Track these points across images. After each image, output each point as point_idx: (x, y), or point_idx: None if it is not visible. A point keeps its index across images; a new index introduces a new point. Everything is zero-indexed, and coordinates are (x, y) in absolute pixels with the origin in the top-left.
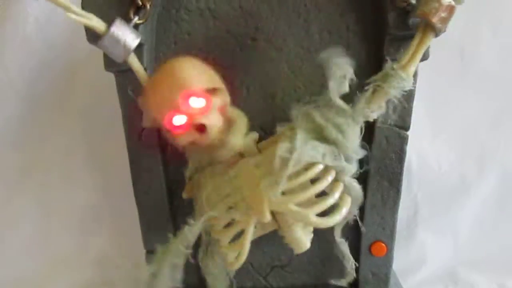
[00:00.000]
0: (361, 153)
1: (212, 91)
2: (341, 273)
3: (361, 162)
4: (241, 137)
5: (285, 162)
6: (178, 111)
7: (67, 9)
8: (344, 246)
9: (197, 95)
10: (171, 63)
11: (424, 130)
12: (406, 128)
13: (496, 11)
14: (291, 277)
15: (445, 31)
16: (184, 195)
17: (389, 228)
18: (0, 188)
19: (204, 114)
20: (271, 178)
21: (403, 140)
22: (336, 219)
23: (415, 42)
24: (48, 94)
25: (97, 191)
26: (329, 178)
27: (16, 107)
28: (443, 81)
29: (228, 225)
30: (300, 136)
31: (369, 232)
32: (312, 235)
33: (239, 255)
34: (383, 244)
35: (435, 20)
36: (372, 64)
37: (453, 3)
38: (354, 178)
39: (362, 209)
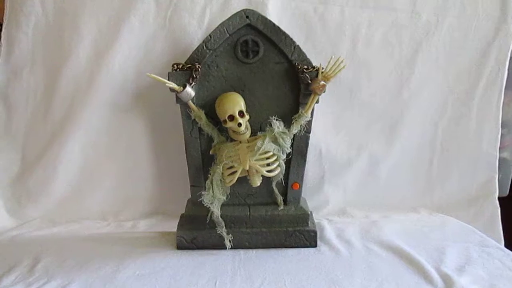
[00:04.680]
0: (289, 150)
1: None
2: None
3: (287, 155)
4: (249, 134)
5: (258, 148)
6: (232, 115)
7: (163, 82)
8: (275, 190)
9: (242, 111)
10: (233, 93)
11: (330, 131)
12: (309, 132)
13: (370, 67)
14: (257, 199)
15: (324, 91)
16: (211, 152)
17: (300, 176)
18: (93, 158)
19: (241, 118)
20: (252, 153)
21: (307, 137)
22: (273, 174)
23: (310, 99)
24: (124, 103)
25: (155, 160)
26: (273, 158)
27: (104, 110)
28: (341, 105)
29: (229, 168)
30: (267, 140)
31: (291, 178)
32: (261, 179)
33: (231, 180)
34: (298, 184)
35: (317, 91)
36: (295, 103)
37: (324, 83)
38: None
39: (289, 167)
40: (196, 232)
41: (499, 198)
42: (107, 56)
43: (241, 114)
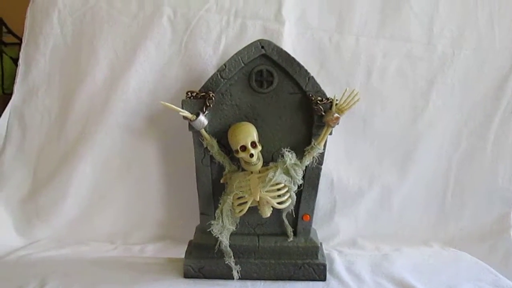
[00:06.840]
0: (301, 182)
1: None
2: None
3: (299, 186)
4: (261, 164)
5: (270, 180)
6: (245, 145)
7: (177, 111)
8: (286, 221)
9: (254, 142)
10: (247, 123)
11: (342, 161)
12: (321, 164)
13: (384, 98)
14: (266, 229)
15: (338, 124)
16: (222, 181)
17: (311, 208)
18: (104, 180)
19: (254, 149)
20: (263, 184)
21: (319, 169)
22: (283, 206)
23: (323, 131)
24: (138, 127)
25: (165, 185)
26: (285, 189)
27: (117, 133)
28: (354, 135)
29: (239, 198)
30: (279, 171)
31: (302, 209)
32: (271, 210)
33: (241, 211)
34: (308, 215)
35: (331, 123)
36: (308, 133)
37: (338, 115)
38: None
39: (300, 199)
40: (203, 261)
41: None
42: (122, 79)
43: (253, 144)
